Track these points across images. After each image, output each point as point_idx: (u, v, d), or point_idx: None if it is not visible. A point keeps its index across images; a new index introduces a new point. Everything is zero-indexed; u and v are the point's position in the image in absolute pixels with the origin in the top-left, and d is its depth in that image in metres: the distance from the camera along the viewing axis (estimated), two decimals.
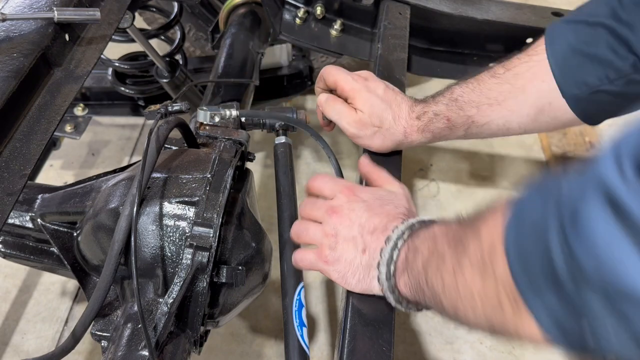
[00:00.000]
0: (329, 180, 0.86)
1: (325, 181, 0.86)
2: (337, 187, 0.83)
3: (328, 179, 0.87)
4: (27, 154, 0.79)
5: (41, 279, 1.57)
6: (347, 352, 0.74)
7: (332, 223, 0.78)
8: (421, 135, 0.95)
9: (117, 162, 1.89)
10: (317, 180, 0.87)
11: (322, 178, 0.87)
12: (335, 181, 0.86)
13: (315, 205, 0.83)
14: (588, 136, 1.98)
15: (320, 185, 0.86)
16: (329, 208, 0.80)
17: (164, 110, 0.93)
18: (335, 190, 0.83)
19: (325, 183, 0.86)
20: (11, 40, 0.88)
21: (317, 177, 0.88)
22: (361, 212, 0.78)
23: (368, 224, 0.76)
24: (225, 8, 1.53)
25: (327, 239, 0.78)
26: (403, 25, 1.24)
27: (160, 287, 0.83)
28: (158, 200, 0.82)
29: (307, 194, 0.90)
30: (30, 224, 0.98)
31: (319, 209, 0.82)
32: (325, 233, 0.79)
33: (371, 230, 0.76)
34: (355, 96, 0.95)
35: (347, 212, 0.78)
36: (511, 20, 1.29)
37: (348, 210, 0.78)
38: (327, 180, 0.86)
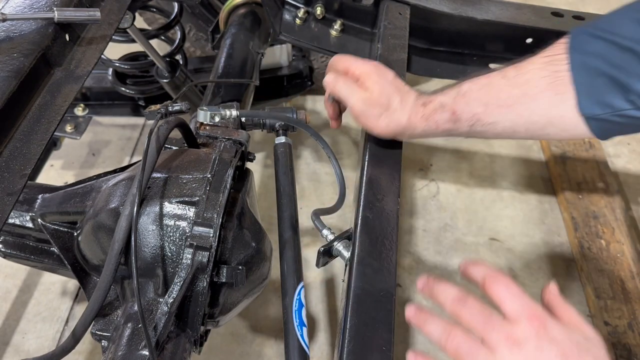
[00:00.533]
0: (516, 293, 0.67)
1: (512, 294, 0.67)
2: (524, 310, 0.65)
3: (516, 291, 0.67)
4: (28, 154, 0.79)
5: (41, 279, 1.57)
6: (347, 351, 0.74)
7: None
8: (425, 123, 0.92)
9: (117, 162, 1.89)
10: (499, 284, 0.68)
11: (507, 286, 0.68)
12: (523, 299, 0.66)
13: (490, 321, 0.65)
14: None
15: (502, 295, 0.67)
16: (509, 336, 0.63)
17: (164, 110, 0.93)
18: (521, 312, 0.64)
19: (510, 295, 0.66)
20: (11, 40, 0.88)
21: (500, 281, 0.68)
22: (552, 356, 0.61)
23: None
24: (226, 8, 1.53)
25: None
26: (403, 26, 1.24)
27: (160, 286, 0.83)
28: (158, 200, 0.82)
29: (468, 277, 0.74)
30: (30, 223, 0.98)
31: (494, 330, 0.64)
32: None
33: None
34: (366, 78, 0.94)
35: (533, 351, 0.61)
36: (511, 21, 1.29)
37: (535, 349, 0.61)
38: (514, 294, 0.67)
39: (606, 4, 2.77)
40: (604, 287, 1.54)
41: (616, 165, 1.94)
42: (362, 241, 0.85)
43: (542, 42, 1.29)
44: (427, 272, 1.62)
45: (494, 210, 1.79)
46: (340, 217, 1.61)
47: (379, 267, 0.81)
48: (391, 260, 0.84)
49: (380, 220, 0.88)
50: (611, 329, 1.46)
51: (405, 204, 1.79)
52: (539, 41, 1.30)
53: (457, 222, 1.75)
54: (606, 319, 1.47)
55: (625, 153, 1.99)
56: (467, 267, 0.74)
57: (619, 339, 1.44)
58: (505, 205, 1.81)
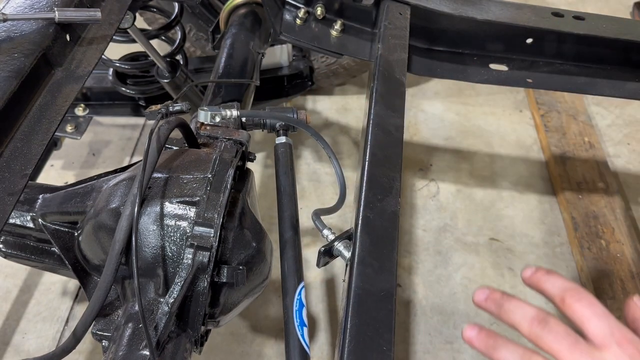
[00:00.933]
0: (602, 313, 0.59)
1: (597, 314, 0.59)
2: (615, 333, 0.58)
3: (601, 311, 0.59)
4: (28, 154, 0.79)
5: (42, 279, 1.57)
6: (348, 351, 0.74)
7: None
8: None
9: (117, 162, 1.90)
10: (583, 301, 0.60)
11: (591, 305, 0.60)
12: (609, 320, 0.59)
13: (576, 347, 0.58)
14: (587, 136, 1.99)
15: (587, 315, 0.59)
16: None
17: (164, 110, 0.93)
18: (610, 336, 0.58)
19: (595, 316, 0.59)
20: (12, 40, 0.88)
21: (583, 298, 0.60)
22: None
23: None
24: (226, 8, 1.54)
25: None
26: (403, 26, 1.24)
27: (161, 286, 0.83)
28: (159, 200, 0.82)
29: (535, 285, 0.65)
30: (31, 223, 0.98)
31: (582, 356, 0.57)
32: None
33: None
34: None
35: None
36: (511, 21, 1.29)
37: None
38: (600, 314, 0.59)
39: (606, 4, 2.78)
40: (604, 287, 1.54)
41: (616, 165, 1.94)
42: (362, 241, 0.85)
43: (542, 42, 1.31)
44: (427, 272, 1.62)
45: (494, 210, 1.79)
46: (341, 217, 1.61)
47: (380, 267, 0.81)
48: (391, 260, 0.84)
49: (380, 220, 0.88)
50: None
51: (405, 204, 1.79)
52: (539, 41, 1.30)
53: (457, 222, 1.75)
54: None
55: (625, 153, 1.99)
56: (537, 276, 0.65)
57: None
58: (505, 205, 1.81)
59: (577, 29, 1.29)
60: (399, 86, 1.10)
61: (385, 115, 1.04)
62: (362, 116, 2.01)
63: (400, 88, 1.10)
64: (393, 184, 0.94)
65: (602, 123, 2.10)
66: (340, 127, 2.05)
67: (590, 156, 1.91)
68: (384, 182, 0.93)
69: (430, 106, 2.15)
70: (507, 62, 1.34)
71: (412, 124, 2.07)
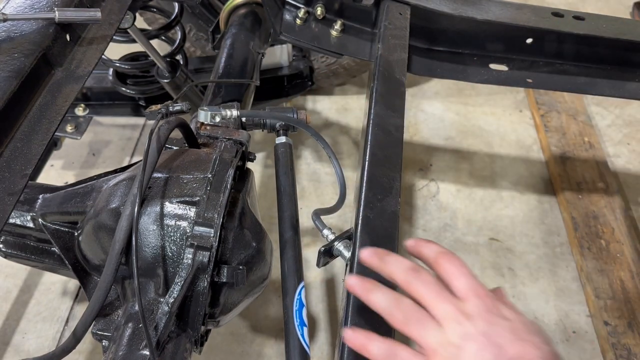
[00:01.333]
0: (466, 273, 0.66)
1: (463, 273, 0.65)
2: (475, 288, 0.64)
3: (466, 271, 0.66)
4: (28, 154, 0.79)
5: (42, 279, 1.57)
6: (348, 351, 0.74)
7: (460, 332, 0.61)
8: None
9: (117, 162, 1.90)
10: (452, 262, 0.67)
11: (460, 266, 0.66)
12: (473, 279, 0.65)
13: (442, 293, 0.64)
14: (587, 136, 1.99)
15: (454, 272, 0.66)
16: (459, 310, 0.62)
17: (164, 110, 0.93)
18: (471, 290, 0.64)
19: (461, 274, 0.65)
20: (12, 40, 0.88)
21: (451, 259, 0.67)
22: (503, 330, 0.60)
23: (511, 350, 0.58)
24: (226, 8, 1.54)
25: (446, 349, 0.61)
26: (403, 26, 1.24)
27: (161, 286, 0.83)
28: (159, 200, 0.82)
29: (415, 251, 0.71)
30: (31, 223, 0.98)
31: (445, 302, 0.63)
32: (446, 340, 0.61)
33: (514, 358, 0.58)
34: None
35: (484, 325, 0.60)
36: (511, 21, 1.29)
37: (485, 322, 0.61)
38: (465, 273, 0.65)
39: (606, 4, 2.78)
40: (603, 287, 1.55)
41: (616, 165, 1.94)
42: (362, 241, 0.85)
43: (542, 42, 1.31)
44: None
45: (493, 210, 1.79)
46: (341, 217, 1.61)
47: None
48: None
49: (380, 220, 0.88)
50: (611, 328, 1.46)
51: (405, 204, 1.79)
52: (539, 41, 1.30)
53: (457, 222, 1.75)
54: (606, 319, 1.48)
55: (625, 153, 1.99)
56: (417, 244, 0.71)
57: (619, 339, 1.44)
58: (505, 205, 1.81)
59: (577, 29, 1.29)
60: (399, 86, 1.11)
61: (385, 115, 1.04)
62: (362, 116, 2.01)
63: (400, 88, 1.10)
64: (393, 184, 0.94)
65: (602, 123, 2.10)
66: (340, 127, 2.05)
67: (590, 156, 1.91)
68: (384, 182, 0.93)
69: (430, 106, 2.15)
70: (507, 62, 1.34)
71: (412, 124, 2.07)
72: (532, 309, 1.54)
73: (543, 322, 1.51)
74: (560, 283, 1.60)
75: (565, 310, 1.54)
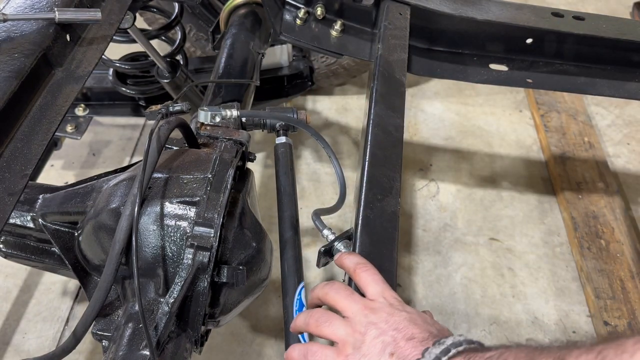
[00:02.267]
0: (379, 280, 0.76)
1: (375, 280, 0.75)
2: (384, 292, 0.74)
3: (379, 278, 0.76)
4: (29, 154, 0.79)
5: (42, 279, 1.57)
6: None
7: (365, 322, 0.70)
8: None
9: (118, 162, 1.90)
10: (368, 272, 0.77)
11: (373, 274, 0.76)
12: (385, 286, 0.75)
13: (352, 296, 0.74)
14: (587, 136, 1.99)
15: (369, 280, 0.75)
16: (366, 306, 0.71)
17: (164, 110, 0.93)
18: (380, 293, 0.74)
19: (374, 282, 0.75)
20: (12, 40, 0.89)
21: (368, 269, 0.77)
22: (401, 319, 0.69)
23: (406, 331, 0.68)
24: (226, 8, 1.54)
25: (353, 336, 0.69)
26: (403, 26, 1.24)
27: (161, 286, 0.83)
28: (159, 200, 0.82)
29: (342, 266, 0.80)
30: (31, 224, 0.98)
31: (355, 302, 0.72)
32: (353, 329, 0.70)
33: (408, 337, 0.67)
34: None
35: (386, 315, 0.70)
36: (511, 21, 1.29)
37: (387, 314, 0.70)
38: (377, 280, 0.75)
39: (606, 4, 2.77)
40: (603, 287, 1.55)
41: (616, 165, 1.94)
42: (362, 241, 0.85)
43: (542, 42, 1.31)
44: (427, 272, 1.62)
45: (493, 210, 1.79)
46: (341, 217, 1.61)
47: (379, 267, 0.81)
48: (391, 260, 0.84)
49: (380, 220, 0.88)
50: (611, 328, 1.46)
51: (405, 204, 1.79)
52: (539, 41, 1.30)
53: (457, 222, 1.75)
54: (606, 319, 1.48)
55: (625, 153, 1.99)
56: (341, 257, 0.81)
57: None
58: (505, 205, 1.81)
59: (577, 29, 1.29)
60: (399, 86, 1.11)
61: (385, 115, 1.04)
62: (362, 116, 2.01)
63: (400, 88, 1.10)
64: (393, 184, 0.94)
65: (602, 123, 2.10)
66: (340, 127, 2.05)
67: (590, 156, 1.91)
68: (384, 182, 0.94)
69: (430, 106, 2.15)
70: (507, 62, 1.34)
71: (412, 124, 2.07)
72: (532, 309, 1.54)
73: (543, 322, 1.51)
74: (560, 283, 1.60)
75: (565, 310, 1.54)
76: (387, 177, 0.95)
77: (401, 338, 0.67)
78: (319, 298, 0.78)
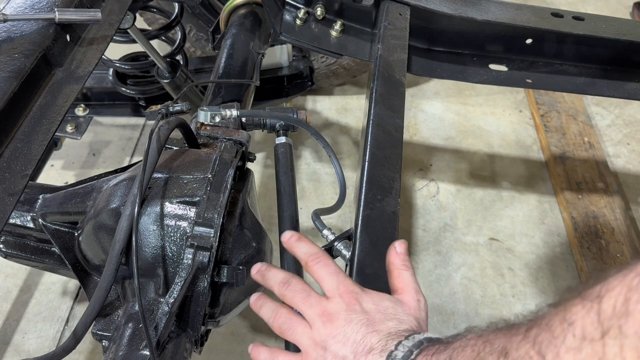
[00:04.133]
0: (333, 272, 0.74)
1: (329, 273, 0.74)
2: (340, 288, 0.72)
3: (333, 270, 0.75)
4: (29, 154, 0.79)
5: (42, 279, 1.57)
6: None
7: (324, 333, 0.69)
8: None
9: (118, 162, 1.90)
10: (320, 264, 0.76)
11: (327, 266, 0.75)
12: (339, 277, 0.74)
13: (308, 299, 0.73)
14: (587, 136, 1.99)
15: (322, 275, 0.75)
16: (324, 312, 0.71)
17: (164, 110, 0.93)
18: (336, 290, 0.72)
19: (328, 275, 0.74)
20: (12, 40, 0.89)
21: (320, 260, 0.76)
22: (359, 326, 0.68)
23: (365, 342, 0.67)
24: (226, 9, 1.54)
25: (315, 350, 0.70)
26: (403, 26, 1.24)
27: (161, 286, 0.83)
28: (159, 200, 0.82)
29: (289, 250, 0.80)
30: (31, 224, 0.98)
31: (311, 307, 0.72)
32: (314, 341, 0.70)
33: (367, 350, 0.66)
34: None
35: (343, 323, 0.69)
36: (511, 21, 1.29)
37: (345, 321, 0.69)
38: (332, 273, 0.74)
39: (606, 4, 2.78)
40: None
41: (616, 165, 1.94)
42: (362, 241, 0.85)
43: (541, 42, 1.31)
44: (427, 272, 1.62)
45: (493, 210, 1.79)
46: (341, 217, 1.62)
47: (379, 267, 0.81)
48: None
49: (380, 220, 0.88)
50: None
51: (405, 204, 1.79)
52: (539, 42, 1.30)
53: (457, 222, 1.75)
54: None
55: (625, 153, 2.00)
56: (290, 241, 0.80)
57: None
58: (505, 205, 1.81)
59: (576, 29, 1.29)
60: (399, 86, 1.11)
61: (385, 115, 1.04)
62: (362, 116, 2.02)
63: (400, 88, 1.10)
64: (393, 184, 0.94)
65: (602, 123, 2.10)
66: (340, 127, 2.05)
67: (590, 156, 1.92)
68: (384, 182, 0.94)
69: (430, 106, 2.15)
70: (507, 63, 1.34)
71: (412, 124, 2.07)
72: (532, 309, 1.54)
73: None
74: (560, 283, 1.60)
75: None
76: (387, 178, 0.95)
77: (360, 352, 0.66)
78: (277, 295, 0.77)
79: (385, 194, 0.92)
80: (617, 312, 0.42)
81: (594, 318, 0.44)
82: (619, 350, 0.42)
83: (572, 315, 0.46)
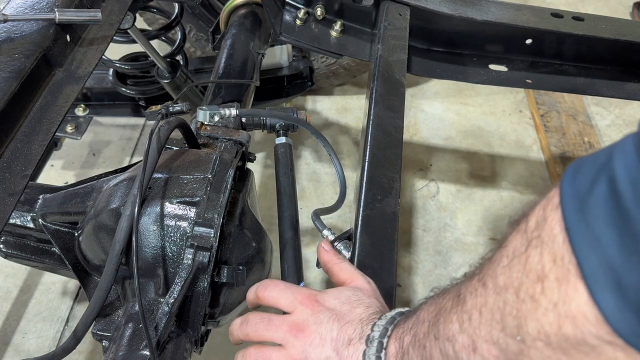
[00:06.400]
0: (284, 288, 0.73)
1: (281, 290, 0.73)
2: (297, 298, 0.71)
3: (283, 287, 0.74)
4: (29, 155, 0.79)
5: (42, 279, 1.57)
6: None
7: (300, 345, 0.67)
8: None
9: (118, 162, 1.90)
10: (269, 289, 0.74)
11: (275, 286, 0.74)
12: (292, 290, 0.73)
13: (271, 324, 0.70)
14: (587, 136, 1.99)
15: (275, 295, 0.73)
16: (292, 326, 0.68)
17: (164, 110, 0.93)
18: (294, 301, 0.71)
19: (281, 293, 0.72)
20: (12, 41, 0.89)
21: (267, 286, 0.74)
22: (330, 323, 0.67)
23: (342, 336, 0.66)
24: (226, 9, 1.54)
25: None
26: (403, 26, 1.25)
27: (161, 287, 0.83)
28: (159, 200, 0.82)
29: (252, 305, 0.78)
30: (31, 224, 0.98)
31: (277, 329, 0.69)
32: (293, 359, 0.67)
33: (346, 342, 0.65)
34: None
35: (315, 327, 0.67)
36: (511, 22, 1.29)
37: (315, 324, 0.67)
38: (283, 289, 0.73)
39: (606, 4, 2.78)
40: None
41: None
42: (362, 241, 0.85)
43: (541, 42, 1.31)
44: (427, 272, 1.62)
45: (493, 210, 1.79)
46: (340, 217, 1.62)
47: (379, 267, 0.81)
48: (391, 260, 0.84)
49: (380, 221, 0.88)
50: None
51: (405, 204, 1.79)
52: (539, 42, 1.31)
53: (457, 222, 1.75)
54: None
55: None
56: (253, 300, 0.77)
57: None
58: (505, 205, 1.81)
59: (576, 29, 1.29)
60: (399, 87, 1.11)
61: (385, 115, 1.04)
62: (362, 116, 2.02)
63: (400, 88, 1.11)
64: (393, 184, 0.94)
65: (602, 123, 2.10)
66: (340, 127, 2.05)
67: None
68: (384, 182, 0.94)
69: (430, 106, 2.15)
70: (507, 63, 1.34)
71: (412, 124, 2.07)
72: None
73: None
74: None
75: None
76: (387, 178, 0.95)
77: (341, 346, 0.65)
78: (242, 339, 0.75)
79: (385, 194, 0.92)
80: (538, 224, 0.45)
81: (522, 236, 0.47)
82: (540, 257, 0.44)
83: (507, 241, 0.49)
